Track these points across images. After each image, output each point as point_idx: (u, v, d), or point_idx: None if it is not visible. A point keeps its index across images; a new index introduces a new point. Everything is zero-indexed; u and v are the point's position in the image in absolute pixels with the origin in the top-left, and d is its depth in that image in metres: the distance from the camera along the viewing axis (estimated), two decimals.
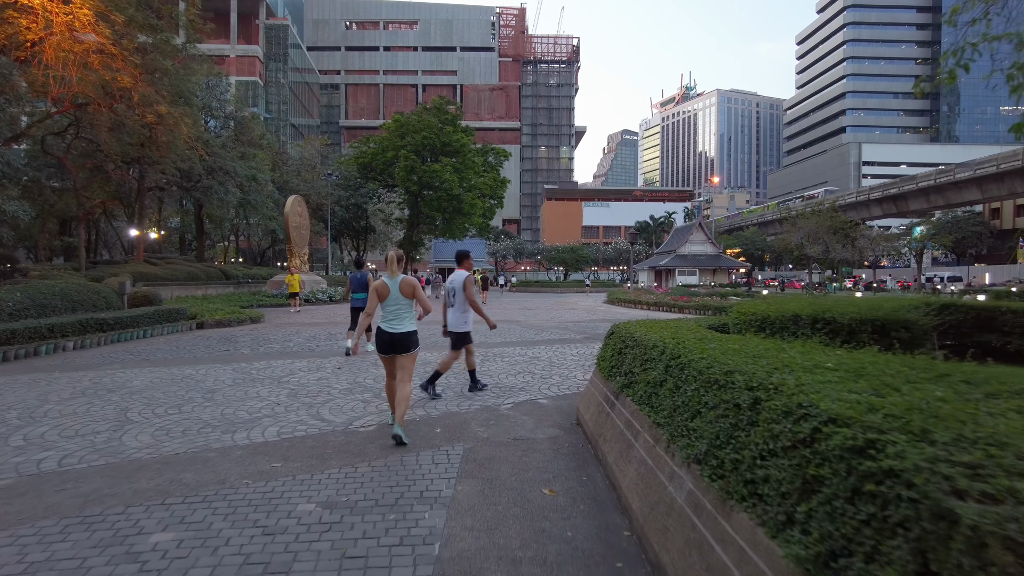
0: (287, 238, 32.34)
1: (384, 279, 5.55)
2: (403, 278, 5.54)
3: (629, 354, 4.71)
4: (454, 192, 51.82)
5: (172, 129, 20.21)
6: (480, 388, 7.52)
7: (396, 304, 5.48)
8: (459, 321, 7.19)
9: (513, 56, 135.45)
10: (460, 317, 7.18)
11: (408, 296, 5.51)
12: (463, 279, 7.11)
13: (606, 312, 25.41)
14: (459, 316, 7.19)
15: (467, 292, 7.10)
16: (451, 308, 7.22)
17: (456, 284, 7.16)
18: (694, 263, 64.86)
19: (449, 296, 7.27)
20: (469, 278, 7.10)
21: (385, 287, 5.48)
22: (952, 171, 65.87)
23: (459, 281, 7.15)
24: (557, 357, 10.61)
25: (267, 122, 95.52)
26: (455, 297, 7.16)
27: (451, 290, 7.21)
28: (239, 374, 8.69)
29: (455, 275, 7.27)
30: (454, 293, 7.17)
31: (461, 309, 7.17)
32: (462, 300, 7.12)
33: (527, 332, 15.49)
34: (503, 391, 7.48)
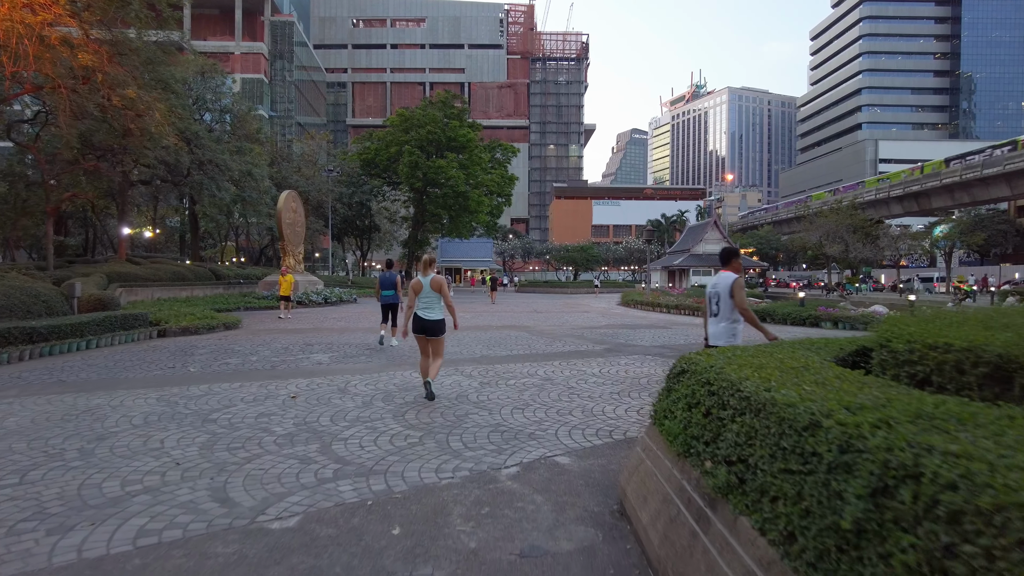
0: (280, 236, 30.34)
1: (419, 277, 6.96)
2: (433, 276, 6.93)
3: (734, 425, 2.57)
4: (460, 189, 49.75)
5: (143, 116, 18.17)
6: None
7: (428, 297, 6.90)
8: (726, 333, 5.46)
9: (521, 53, 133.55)
10: (728, 328, 5.47)
11: (436, 291, 6.89)
12: (730, 282, 5.44)
13: (622, 315, 23.22)
14: (726, 328, 5.48)
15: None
16: (713, 318, 5.60)
17: (722, 288, 5.49)
18: (709, 262, 62.57)
19: (711, 303, 5.61)
20: (739, 281, 5.46)
21: (419, 284, 6.90)
22: (979, 166, 63.11)
23: (725, 285, 5.47)
24: (576, 378, 8.46)
25: (272, 120, 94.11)
26: (719, 304, 5.49)
27: (714, 295, 5.57)
28: (160, 406, 6.59)
29: (721, 277, 5.57)
30: (718, 299, 5.50)
31: (728, 318, 5.47)
32: (729, 308, 5.43)
33: (537, 341, 13.35)
34: (506, 438, 5.33)
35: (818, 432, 1.98)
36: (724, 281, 5.48)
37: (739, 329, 5.50)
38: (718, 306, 5.51)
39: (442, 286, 6.85)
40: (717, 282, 5.58)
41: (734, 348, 3.73)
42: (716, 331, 5.53)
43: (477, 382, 8.11)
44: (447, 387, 7.76)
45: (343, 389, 7.57)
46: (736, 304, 5.38)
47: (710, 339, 5.64)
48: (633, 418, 6.13)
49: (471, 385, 7.88)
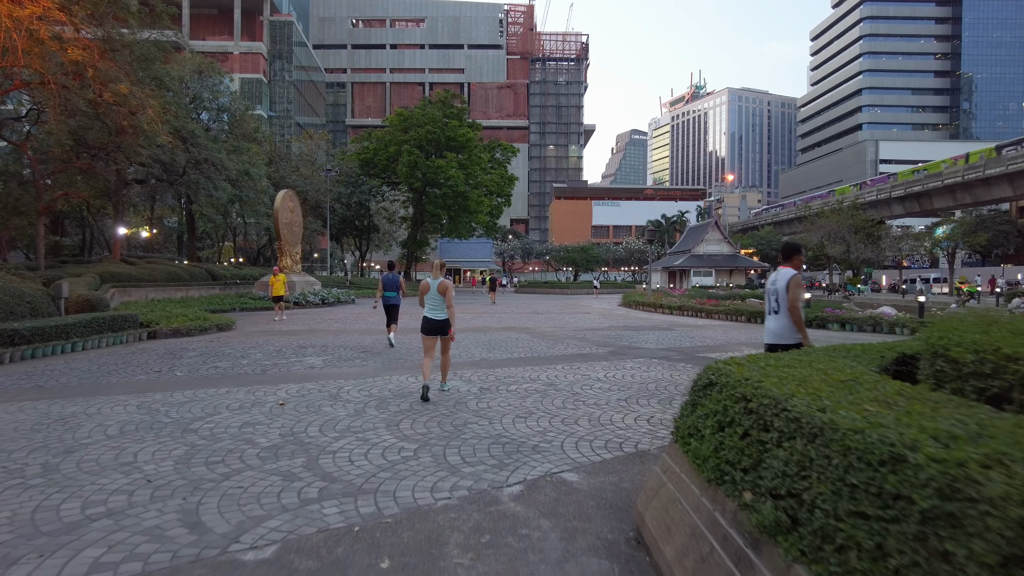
0: (277, 235, 29.95)
1: (428, 280, 7.28)
2: (441, 280, 7.23)
3: (781, 451, 2.17)
4: (459, 189, 49.41)
5: (136, 112, 17.74)
6: None
7: (435, 298, 7.22)
8: (791, 329, 5.20)
9: (521, 53, 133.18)
10: (791, 326, 5.21)
11: (441, 294, 7.18)
12: (788, 278, 5.25)
13: (623, 317, 22.82)
14: (790, 324, 5.21)
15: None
16: (775, 316, 5.34)
17: (781, 284, 5.28)
18: (710, 263, 62.27)
19: (771, 300, 5.38)
20: (796, 277, 5.25)
21: (427, 286, 7.27)
22: (981, 167, 62.71)
23: (784, 281, 5.27)
24: (580, 383, 8.06)
25: (271, 120, 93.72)
26: (780, 301, 5.26)
27: (773, 291, 5.34)
28: (140, 414, 6.19)
29: (781, 274, 5.35)
30: (778, 296, 5.27)
31: (788, 316, 5.23)
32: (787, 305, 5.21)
33: (538, 344, 12.94)
34: (508, 451, 4.93)
35: (903, 469, 1.58)
36: (784, 277, 5.30)
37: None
38: (778, 303, 5.30)
39: (447, 290, 7.18)
40: (777, 278, 5.36)
41: (767, 357, 3.32)
42: (778, 328, 5.30)
43: (477, 388, 7.71)
44: (445, 393, 7.36)
45: (335, 395, 7.16)
46: (789, 301, 5.18)
47: (771, 337, 5.40)
48: (644, 428, 5.73)
49: (470, 391, 7.48)
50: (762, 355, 3.45)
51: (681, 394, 7.41)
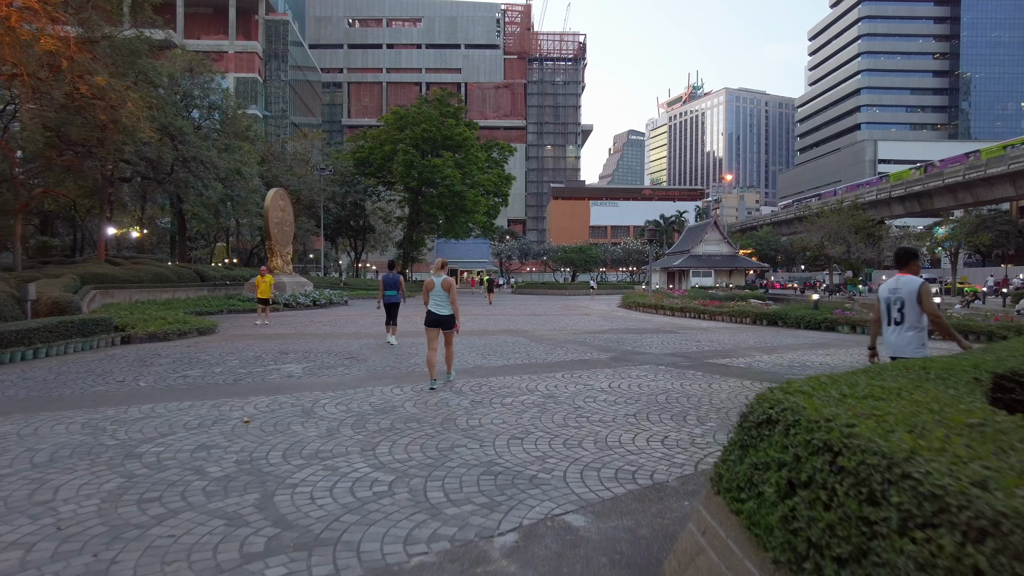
0: (267, 235, 29.16)
1: (432, 278, 7.87)
2: (444, 278, 7.83)
3: (911, 545, 1.41)
4: (456, 188, 48.58)
5: (115, 107, 16.93)
6: None
7: (439, 295, 7.81)
8: (915, 342, 4.76)
9: (518, 53, 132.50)
10: (916, 338, 4.76)
11: (446, 291, 7.79)
12: (917, 287, 4.74)
13: (624, 318, 22.07)
14: (915, 336, 4.77)
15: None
16: (896, 327, 4.85)
17: (906, 293, 4.78)
18: (709, 263, 61.62)
19: (890, 309, 4.90)
20: (927, 285, 4.77)
21: (432, 283, 7.85)
22: (983, 166, 62.13)
23: (910, 289, 4.77)
24: (582, 395, 7.30)
25: (267, 120, 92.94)
26: (904, 310, 4.79)
27: (895, 300, 4.84)
28: (82, 435, 5.41)
29: (902, 281, 4.85)
30: (901, 305, 4.80)
31: (915, 326, 4.76)
32: (916, 315, 4.74)
33: (536, 349, 12.18)
34: (501, 484, 4.17)
35: None
36: (908, 285, 4.82)
37: (927, 338, 4.84)
38: (902, 312, 4.85)
39: (451, 287, 7.80)
40: (897, 287, 4.90)
41: (839, 383, 2.57)
42: (900, 341, 4.85)
43: (468, 400, 6.93)
44: (431, 407, 6.58)
45: (308, 411, 6.39)
46: (927, 311, 4.73)
47: (893, 350, 4.93)
48: (658, 452, 4.97)
49: (461, 405, 6.71)
50: (833, 378, 2.70)
51: (695, 408, 6.66)
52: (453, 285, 7.80)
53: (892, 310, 4.92)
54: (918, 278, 4.89)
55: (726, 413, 6.40)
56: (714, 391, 7.69)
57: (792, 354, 11.57)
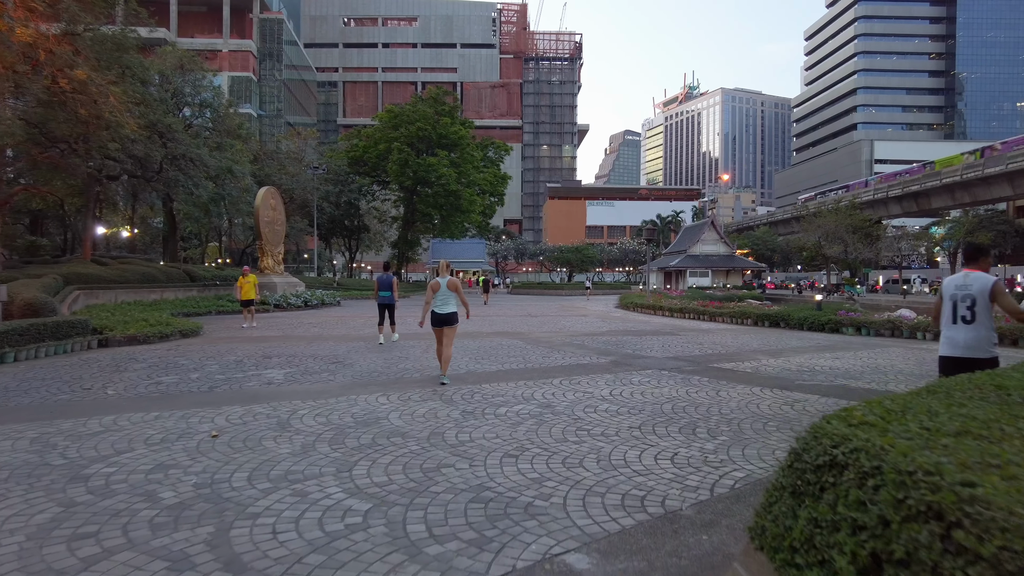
0: (257, 235, 28.58)
1: (438, 279, 8.30)
2: (449, 279, 8.29)
3: None
4: (451, 188, 48.05)
5: (97, 101, 16.34)
6: None
7: (444, 295, 8.23)
8: (987, 342, 4.47)
9: (515, 53, 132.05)
10: (988, 337, 4.48)
11: (452, 290, 8.27)
12: (990, 284, 4.45)
13: (622, 320, 21.59)
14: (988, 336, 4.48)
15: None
16: (966, 326, 4.51)
17: (978, 290, 4.48)
18: (706, 263, 61.21)
19: (959, 307, 4.56)
20: (999, 283, 4.48)
21: (438, 284, 8.26)
22: (980, 166, 61.81)
23: (982, 287, 4.47)
24: (583, 404, 6.79)
25: (261, 119, 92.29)
26: (976, 308, 4.48)
27: (965, 298, 4.53)
28: (28, 452, 4.88)
29: (973, 278, 4.57)
30: (972, 302, 4.49)
31: (987, 326, 4.47)
32: (988, 313, 4.46)
33: (532, 352, 11.67)
34: (492, 514, 3.65)
35: None
36: (980, 282, 4.53)
37: (995, 337, 4.56)
38: (971, 311, 4.55)
39: (457, 287, 8.32)
40: (968, 283, 4.60)
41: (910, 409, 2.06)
42: (972, 339, 4.51)
43: (459, 411, 6.41)
44: (418, 418, 6.06)
45: (284, 423, 5.86)
46: (1008, 309, 4.46)
47: (961, 350, 4.57)
48: (668, 473, 4.46)
49: (450, 416, 6.18)
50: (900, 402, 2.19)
51: (703, 418, 6.16)
52: (459, 285, 8.38)
53: (960, 308, 4.59)
54: (990, 275, 4.56)
55: (738, 425, 5.90)
56: (722, 399, 7.19)
57: (799, 358, 11.09)
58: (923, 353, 11.84)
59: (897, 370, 9.56)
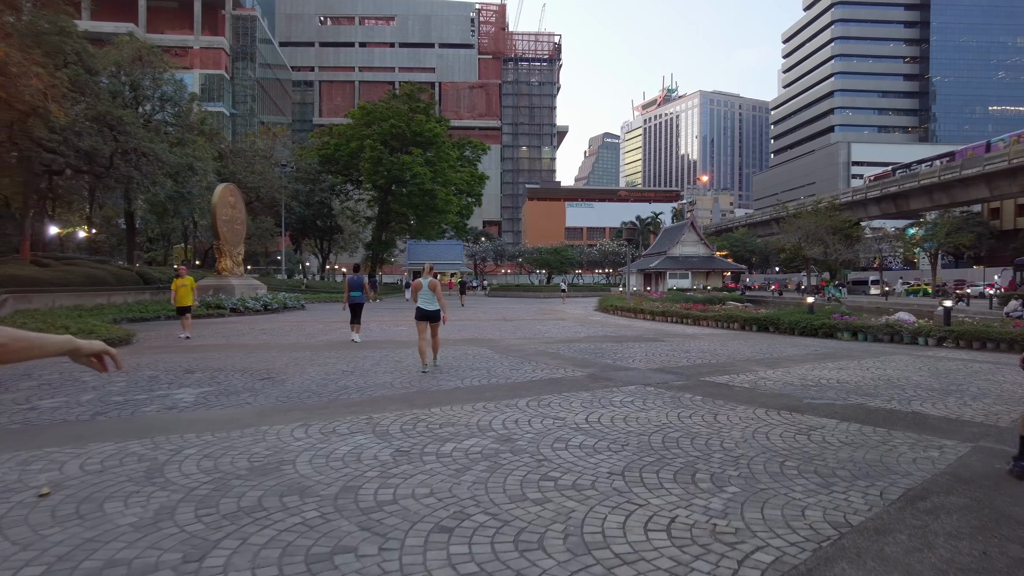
0: (215, 234, 26.87)
1: (421, 280, 9.42)
2: (430, 280, 9.38)
3: None
4: (426, 187, 46.54)
5: (16, 82, 14.64)
6: None
7: (427, 294, 9.30)
8: None
9: (493, 53, 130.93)
10: None
11: (432, 291, 9.31)
12: None
13: (602, 324, 20.32)
14: None
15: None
16: None
17: None
18: (686, 265, 60.44)
19: None
20: None
21: (420, 284, 9.38)
22: (958, 167, 61.79)
23: None
24: (551, 436, 5.42)
25: (234, 119, 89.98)
26: None
27: None
28: None
29: None
30: None
31: None
32: None
33: (500, 364, 10.28)
34: None
35: None
36: None
37: None
38: None
39: (436, 287, 9.29)
40: None
41: None
42: None
43: (391, 450, 4.99)
44: (334, 462, 4.62)
45: (154, 471, 4.40)
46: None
47: None
48: (665, 558, 3.10)
49: (378, 459, 4.76)
50: None
51: (703, 456, 4.83)
52: (438, 286, 9.43)
53: None
54: None
55: (748, 466, 4.58)
56: (722, 426, 5.87)
57: (799, 368, 9.84)
58: (934, 362, 10.67)
59: (915, 384, 8.34)
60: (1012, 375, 9.24)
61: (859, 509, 3.74)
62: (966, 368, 9.97)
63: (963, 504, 3.81)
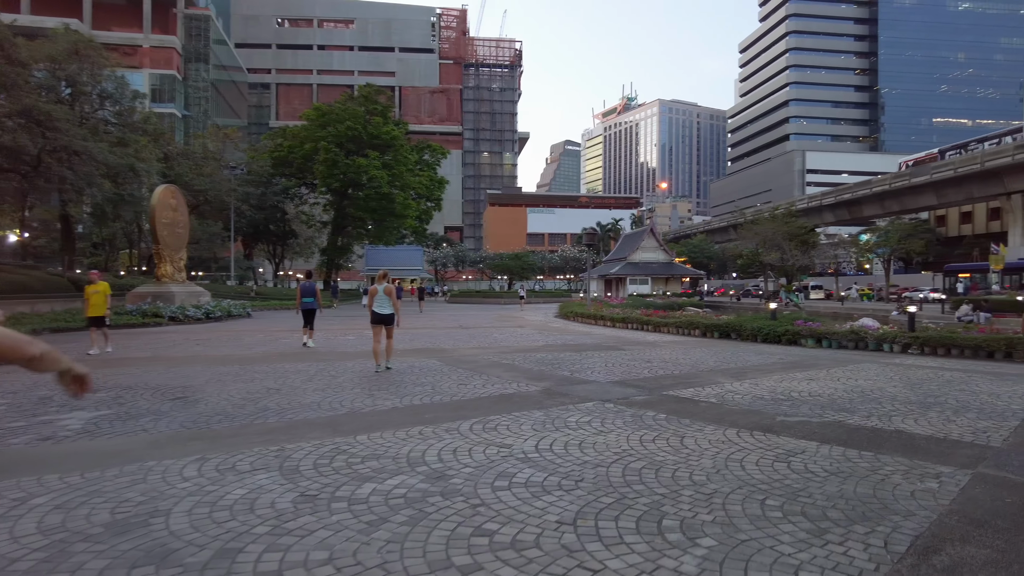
0: (154, 238, 25.33)
1: (376, 286, 10.03)
2: (386, 285, 10.01)
3: None
4: (383, 191, 45.37)
5: None
6: None
7: (382, 298, 9.91)
8: None
9: (454, 58, 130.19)
10: None
11: (388, 296, 9.94)
12: None
13: (561, 331, 19.62)
14: None
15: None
16: None
17: None
18: (646, 271, 60.46)
19: None
20: None
21: (376, 290, 9.99)
22: (908, 176, 63.38)
23: None
24: (493, 471, 4.60)
25: (187, 120, 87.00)
26: None
27: None
28: None
29: None
30: None
31: None
32: None
33: (447, 378, 9.41)
34: None
35: None
36: None
37: None
38: None
39: (391, 292, 9.99)
40: None
41: None
42: None
43: (295, 494, 4.08)
44: (220, 511, 3.69)
45: None
46: None
47: None
48: None
49: (277, 505, 3.85)
50: None
51: (670, 495, 4.07)
52: (393, 291, 10.04)
53: None
54: None
55: (723, 506, 3.84)
56: (691, 452, 5.14)
57: (767, 380, 9.24)
58: (904, 371, 10.21)
59: (891, 396, 7.78)
60: (986, 384, 8.80)
61: (864, 569, 3.02)
62: (937, 377, 9.51)
63: (986, 558, 3.13)
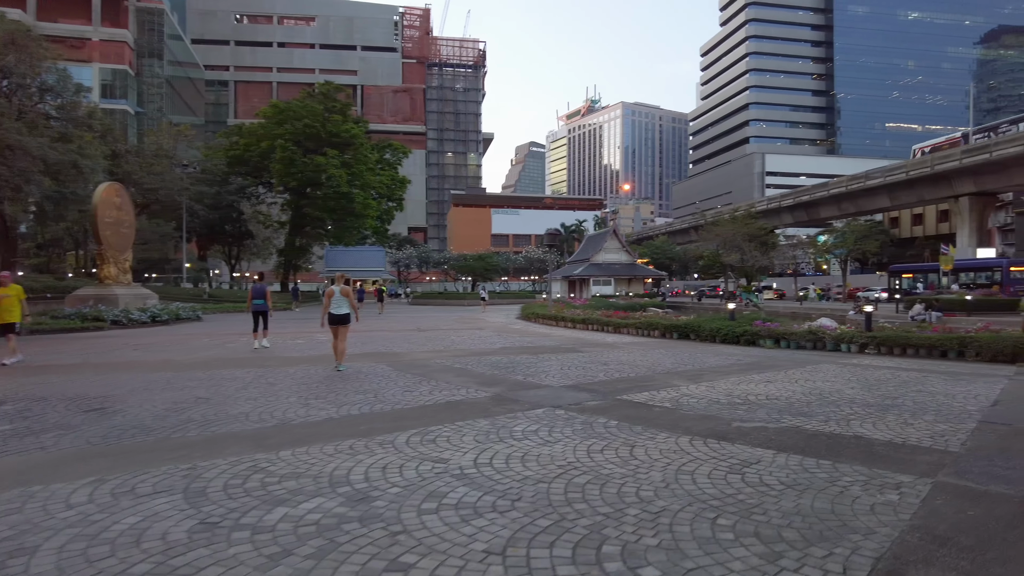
0: (96, 239, 24.18)
1: (333, 287, 10.50)
2: (342, 287, 10.51)
3: None
4: (343, 190, 44.47)
5: None
6: None
7: (339, 300, 10.38)
8: None
9: (418, 58, 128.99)
10: None
11: (345, 296, 10.47)
12: None
13: (521, 333, 19.28)
14: None
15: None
16: None
17: None
18: (609, 272, 60.57)
19: None
20: None
21: (332, 291, 10.42)
22: (863, 178, 64.93)
23: None
24: (422, 491, 4.17)
25: (140, 117, 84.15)
26: None
27: None
28: None
29: None
30: None
31: None
32: None
33: (393, 385, 8.95)
34: None
35: None
36: None
37: None
38: None
39: (348, 293, 10.64)
40: None
41: None
42: None
43: (194, 521, 3.60)
44: (99, 546, 3.18)
45: None
46: None
47: None
48: None
49: (169, 536, 3.37)
50: None
51: (614, 517, 3.72)
52: (350, 292, 10.69)
53: None
54: None
55: (669, 527, 3.50)
56: (640, 464, 4.81)
57: (724, 382, 9.02)
58: (861, 371, 10.12)
59: (849, 399, 7.61)
60: (941, 385, 8.73)
61: None
62: (895, 377, 9.43)
63: None
